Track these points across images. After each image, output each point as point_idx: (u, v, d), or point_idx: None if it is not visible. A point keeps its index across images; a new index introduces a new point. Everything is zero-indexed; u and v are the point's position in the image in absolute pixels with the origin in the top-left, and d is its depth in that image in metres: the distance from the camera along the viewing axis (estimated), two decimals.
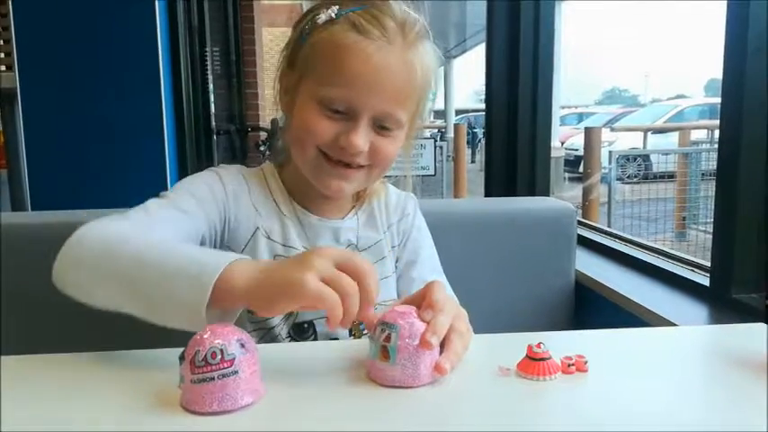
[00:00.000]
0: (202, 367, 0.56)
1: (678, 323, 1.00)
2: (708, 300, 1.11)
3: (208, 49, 2.81)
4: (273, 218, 0.91)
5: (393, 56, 0.81)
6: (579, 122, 14.79)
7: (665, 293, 1.18)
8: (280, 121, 0.98)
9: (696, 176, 4.94)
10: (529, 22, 1.76)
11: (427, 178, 2.63)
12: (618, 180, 5.11)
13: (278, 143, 0.97)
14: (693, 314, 1.07)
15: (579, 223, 1.46)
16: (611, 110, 17.52)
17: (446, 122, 12.97)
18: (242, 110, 4.05)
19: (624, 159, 5.67)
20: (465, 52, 13.23)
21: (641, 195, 5.09)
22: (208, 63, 2.77)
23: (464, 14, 9.82)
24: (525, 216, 1.33)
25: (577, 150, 8.48)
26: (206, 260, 0.66)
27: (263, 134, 3.86)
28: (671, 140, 7.50)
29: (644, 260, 1.33)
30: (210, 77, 2.80)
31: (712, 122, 7.89)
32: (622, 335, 0.82)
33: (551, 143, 1.87)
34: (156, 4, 2.02)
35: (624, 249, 1.44)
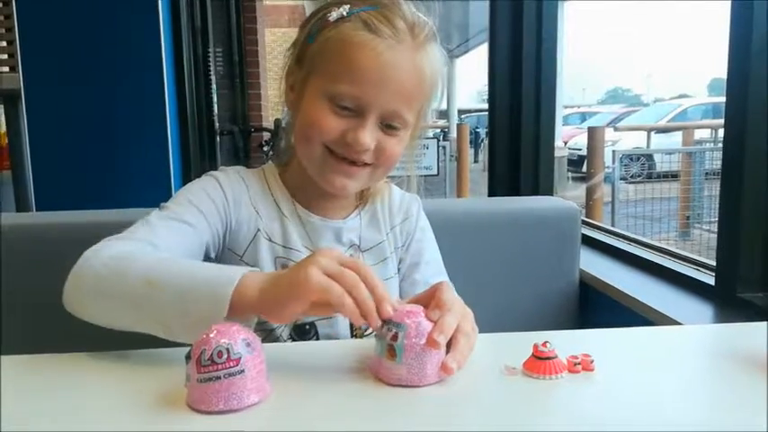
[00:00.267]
0: (208, 366, 0.56)
1: (683, 322, 1.00)
2: (713, 299, 1.11)
3: (211, 50, 2.82)
4: (274, 219, 0.91)
5: (402, 55, 0.81)
6: (582, 122, 14.77)
7: (670, 293, 1.18)
8: (283, 121, 0.98)
9: (700, 176, 4.93)
10: (531, 22, 1.76)
11: (430, 178, 2.62)
12: (621, 179, 5.10)
13: (281, 143, 0.97)
14: (699, 313, 1.07)
15: (583, 223, 1.45)
16: (613, 109, 17.47)
17: (449, 122, 12.96)
18: (245, 110, 4.05)
19: (627, 159, 5.65)
20: (468, 52, 13.22)
21: (645, 195, 5.07)
22: (211, 64, 2.78)
23: (467, 14, 9.81)
24: (529, 216, 1.33)
25: (581, 150, 8.47)
26: (218, 276, 0.67)
27: (266, 134, 3.87)
28: (674, 140, 7.48)
29: (648, 259, 1.33)
30: (213, 78, 2.81)
31: (716, 122, 7.87)
32: (628, 334, 0.82)
33: (554, 143, 1.87)
34: (160, 5, 2.03)
35: (628, 249, 1.43)
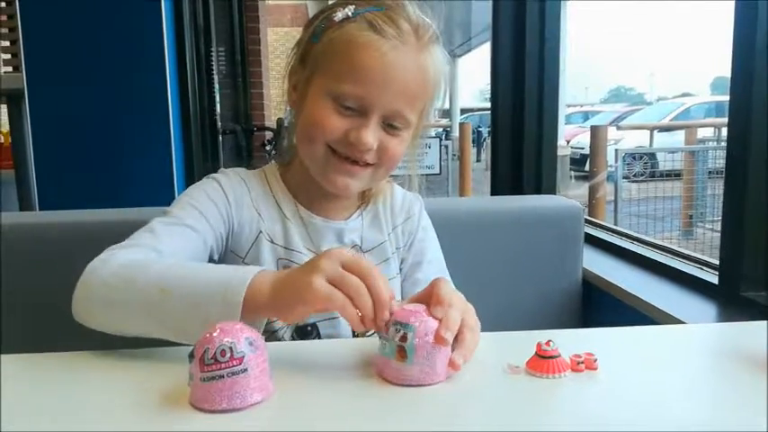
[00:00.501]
0: (212, 365, 0.56)
1: (686, 321, 1.00)
2: (716, 298, 1.10)
3: (213, 49, 2.81)
4: (276, 220, 0.91)
5: (407, 56, 0.82)
6: (585, 121, 14.74)
7: (673, 291, 1.17)
8: (285, 121, 0.98)
9: (703, 174, 4.92)
10: (534, 22, 1.75)
11: (432, 177, 2.62)
12: (624, 178, 5.10)
13: (283, 142, 0.97)
14: (702, 312, 1.07)
15: (586, 221, 1.45)
16: (616, 108, 17.43)
17: (451, 121, 12.94)
18: (247, 109, 4.06)
19: (630, 157, 5.65)
20: (470, 51, 13.20)
21: (648, 193, 5.06)
22: (213, 63, 2.78)
23: (469, 13, 9.79)
24: (532, 214, 1.33)
25: (583, 149, 8.45)
26: (229, 278, 0.68)
27: (269, 134, 3.87)
28: (677, 138, 7.47)
29: (652, 258, 1.33)
30: (216, 77, 2.81)
31: (719, 120, 7.85)
32: (631, 333, 0.81)
33: (557, 142, 1.87)
34: (162, 5, 2.02)
35: (631, 247, 1.43)
